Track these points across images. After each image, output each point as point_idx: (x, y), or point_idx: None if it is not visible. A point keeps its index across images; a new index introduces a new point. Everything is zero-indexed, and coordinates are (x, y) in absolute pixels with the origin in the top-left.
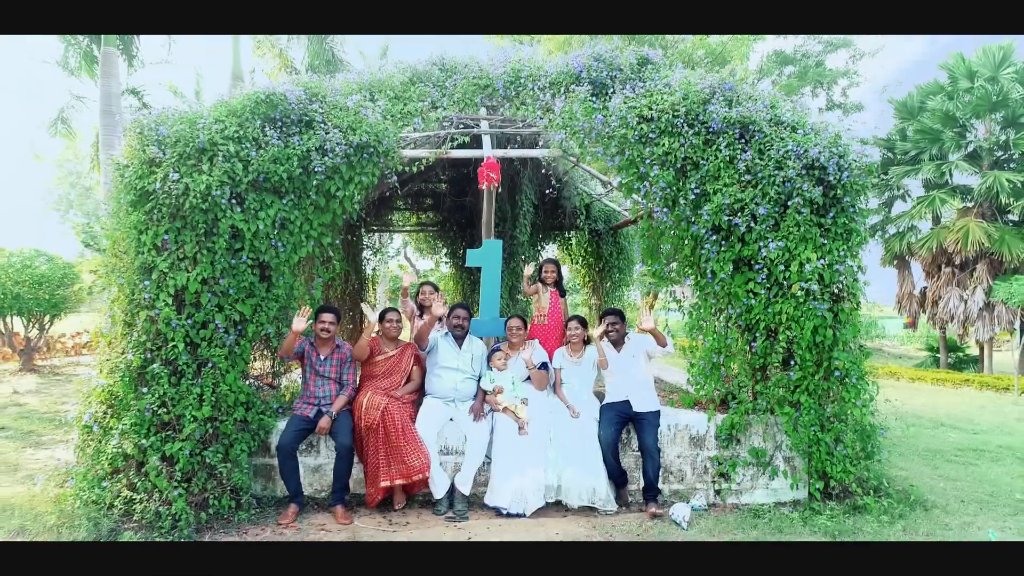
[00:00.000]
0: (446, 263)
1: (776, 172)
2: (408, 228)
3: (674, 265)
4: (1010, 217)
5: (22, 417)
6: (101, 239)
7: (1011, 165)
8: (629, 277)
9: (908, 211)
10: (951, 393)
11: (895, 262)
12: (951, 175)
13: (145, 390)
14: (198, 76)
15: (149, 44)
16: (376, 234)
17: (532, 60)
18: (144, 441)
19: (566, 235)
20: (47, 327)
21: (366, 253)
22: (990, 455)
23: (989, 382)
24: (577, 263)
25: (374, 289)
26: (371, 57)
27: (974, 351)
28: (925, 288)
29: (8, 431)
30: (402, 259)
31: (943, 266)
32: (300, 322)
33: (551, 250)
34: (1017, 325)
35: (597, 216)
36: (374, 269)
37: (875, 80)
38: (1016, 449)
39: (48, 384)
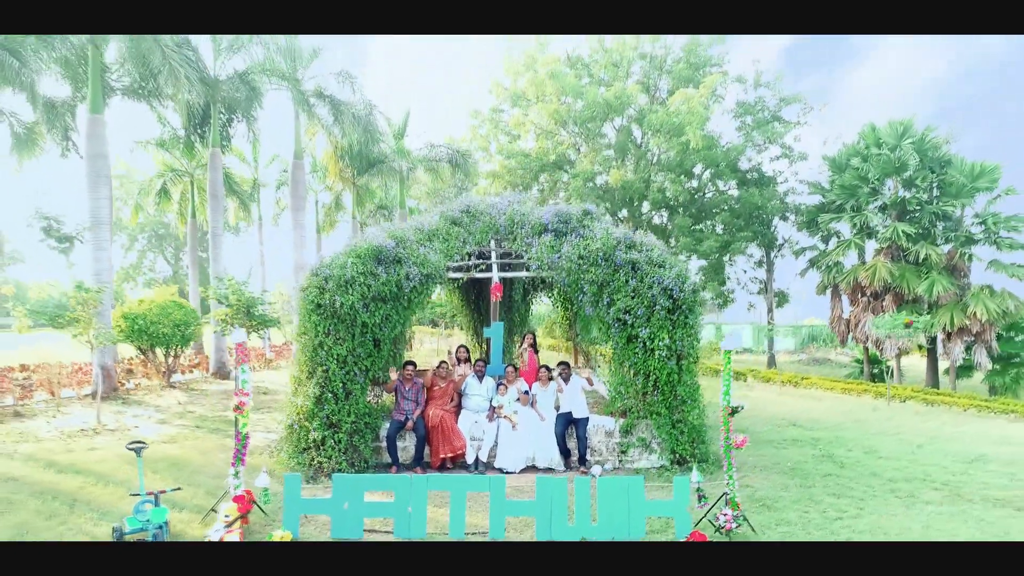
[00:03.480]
0: (460, 328)
1: (648, 291)
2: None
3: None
4: (910, 259)
5: (203, 421)
6: (228, 296)
7: (910, 218)
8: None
9: (832, 250)
10: (844, 399)
11: (827, 291)
12: (866, 223)
13: (324, 407)
14: (255, 142)
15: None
16: None
17: (523, 209)
18: (324, 433)
19: (551, 294)
20: (178, 355)
21: None
22: (798, 443)
23: (882, 391)
24: (557, 315)
25: (410, 345)
26: (395, 122)
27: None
28: (851, 312)
29: (201, 429)
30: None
31: (861, 296)
32: (394, 374)
33: (542, 300)
34: (926, 343)
35: None
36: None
37: (832, 123)
38: (818, 441)
39: (195, 396)
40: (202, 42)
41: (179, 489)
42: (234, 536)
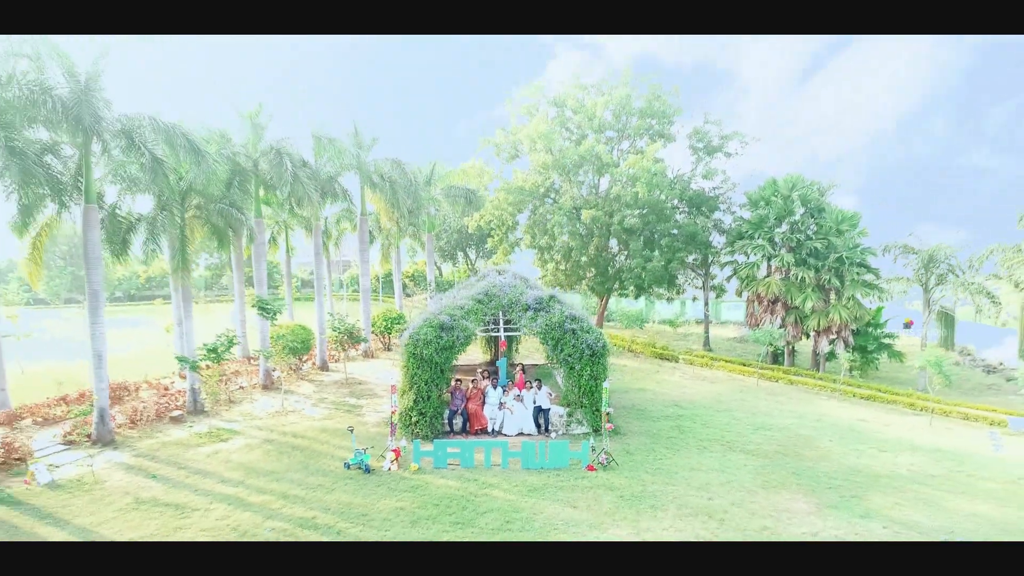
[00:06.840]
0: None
1: (581, 345)
2: None
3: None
4: (793, 278)
5: (336, 406)
6: (339, 326)
7: (794, 250)
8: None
9: (743, 266)
10: (735, 380)
11: (742, 296)
12: (769, 250)
13: (417, 404)
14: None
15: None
16: None
17: (516, 293)
18: (418, 418)
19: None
20: (302, 358)
21: None
22: (668, 418)
23: (768, 375)
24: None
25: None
26: (425, 171)
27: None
28: (757, 312)
29: (339, 410)
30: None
31: (763, 301)
32: (454, 381)
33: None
34: (813, 336)
35: None
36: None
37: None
38: (681, 416)
39: (319, 387)
40: (306, 151)
41: (373, 448)
42: (395, 467)
